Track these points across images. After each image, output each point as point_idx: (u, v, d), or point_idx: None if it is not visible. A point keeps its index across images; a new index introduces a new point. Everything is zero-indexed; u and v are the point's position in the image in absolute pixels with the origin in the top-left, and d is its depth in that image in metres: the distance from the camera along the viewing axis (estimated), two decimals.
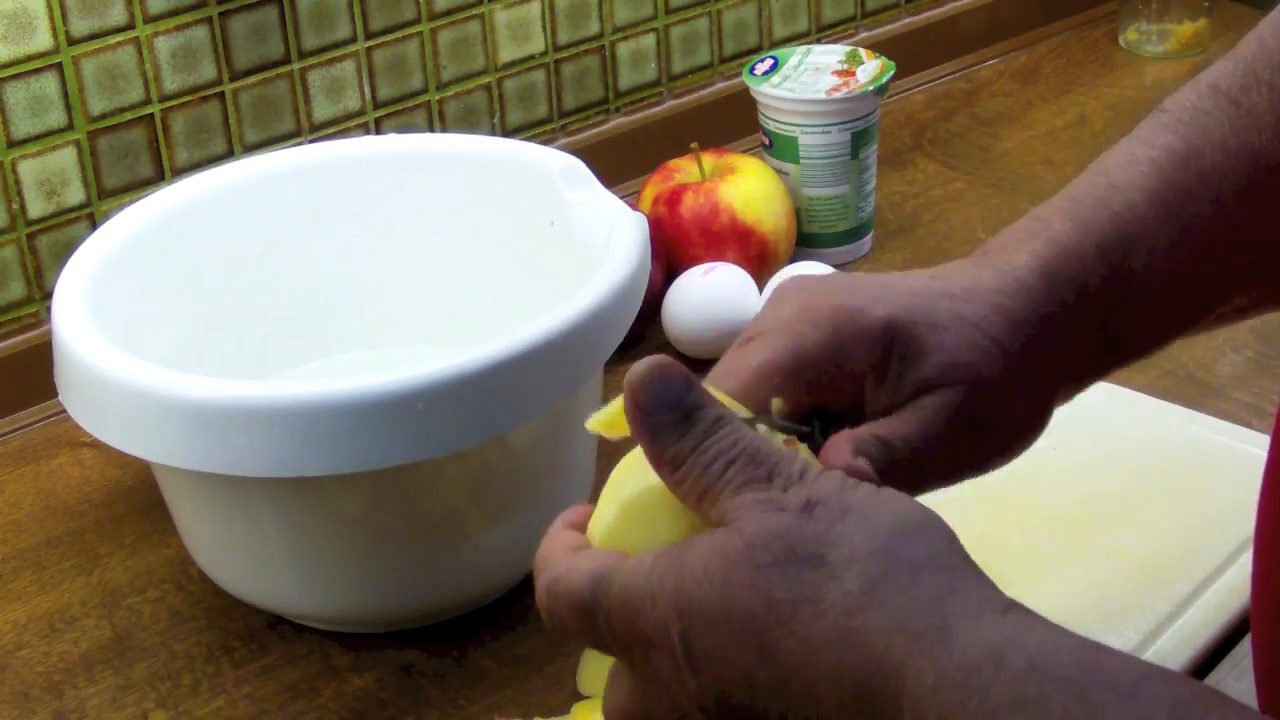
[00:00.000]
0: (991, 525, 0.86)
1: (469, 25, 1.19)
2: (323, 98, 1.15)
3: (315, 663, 0.85)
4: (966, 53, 1.47)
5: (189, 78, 1.08)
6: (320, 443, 0.75)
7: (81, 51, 1.04)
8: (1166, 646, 0.78)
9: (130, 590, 0.91)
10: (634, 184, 1.23)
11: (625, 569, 0.53)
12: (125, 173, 1.08)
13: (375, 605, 0.84)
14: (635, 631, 0.53)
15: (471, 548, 0.84)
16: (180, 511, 0.86)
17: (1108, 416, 0.94)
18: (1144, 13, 1.46)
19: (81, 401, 0.81)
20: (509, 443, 0.81)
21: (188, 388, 0.77)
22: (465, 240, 0.99)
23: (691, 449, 0.52)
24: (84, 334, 0.81)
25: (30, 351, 1.05)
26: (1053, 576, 0.83)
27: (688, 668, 0.52)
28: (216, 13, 1.08)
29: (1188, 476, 0.89)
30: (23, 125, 1.03)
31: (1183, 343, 1.04)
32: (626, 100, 1.30)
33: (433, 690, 0.83)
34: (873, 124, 1.16)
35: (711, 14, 1.32)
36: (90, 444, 1.00)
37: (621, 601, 0.53)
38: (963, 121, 1.37)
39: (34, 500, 0.98)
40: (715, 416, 0.53)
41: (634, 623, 0.53)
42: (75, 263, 0.88)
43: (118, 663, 0.86)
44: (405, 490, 0.81)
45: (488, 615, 0.87)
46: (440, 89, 1.20)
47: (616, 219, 0.88)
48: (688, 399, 0.53)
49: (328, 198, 0.98)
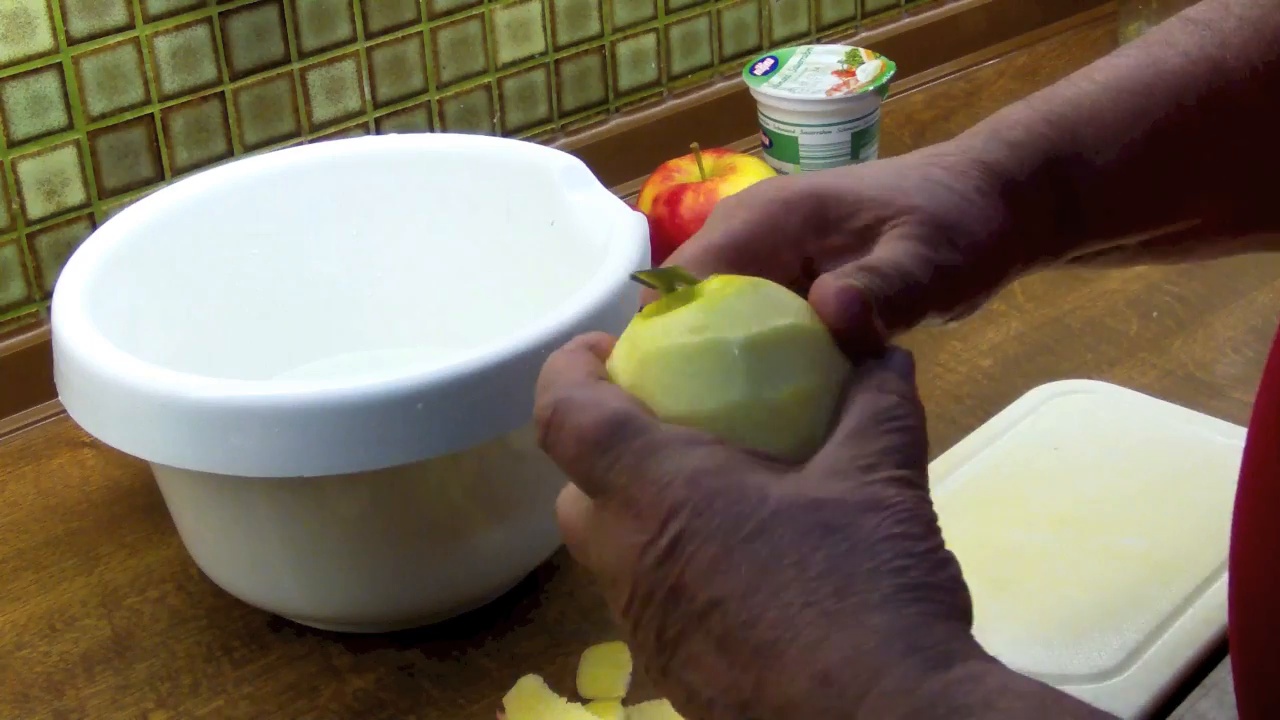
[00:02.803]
0: (992, 525, 0.86)
1: (469, 25, 1.19)
2: (323, 98, 1.15)
3: (315, 663, 0.85)
4: (966, 53, 1.47)
5: (189, 78, 1.08)
6: (320, 443, 0.75)
7: (81, 51, 1.04)
8: (1167, 646, 0.78)
9: (130, 590, 0.91)
10: (634, 184, 1.23)
11: (658, 430, 0.51)
12: (125, 173, 1.08)
13: (375, 605, 0.84)
14: (629, 491, 0.50)
15: (471, 548, 0.84)
16: (180, 511, 0.86)
17: (1108, 416, 0.94)
18: (1144, 13, 1.46)
19: (81, 401, 0.81)
20: (509, 443, 0.81)
21: (188, 388, 0.77)
22: (465, 240, 0.99)
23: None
24: (84, 334, 0.81)
25: (30, 351, 1.05)
26: (1053, 576, 0.83)
27: (656, 555, 0.50)
28: (216, 13, 1.08)
29: (1188, 476, 0.89)
30: (23, 125, 1.03)
31: (1183, 342, 1.05)
32: (626, 100, 1.30)
33: (433, 690, 0.83)
34: (873, 124, 1.16)
35: (711, 14, 1.32)
36: (90, 444, 1.00)
37: (638, 459, 0.50)
38: (963, 121, 1.37)
39: (34, 500, 0.98)
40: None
41: (636, 484, 0.50)
42: (75, 263, 0.88)
43: (118, 663, 0.86)
44: (405, 490, 0.81)
45: (488, 615, 0.87)
46: (440, 89, 1.20)
47: (616, 219, 0.88)
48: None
49: (328, 198, 0.98)
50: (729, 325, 0.53)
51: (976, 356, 1.05)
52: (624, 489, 0.51)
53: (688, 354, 0.52)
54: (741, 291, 0.54)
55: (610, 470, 0.51)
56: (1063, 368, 1.02)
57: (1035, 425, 0.94)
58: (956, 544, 0.87)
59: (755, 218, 0.60)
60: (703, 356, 0.52)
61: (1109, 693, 0.75)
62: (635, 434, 0.51)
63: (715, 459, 0.50)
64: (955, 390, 1.02)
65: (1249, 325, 1.06)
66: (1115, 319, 1.07)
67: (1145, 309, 1.08)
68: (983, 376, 1.02)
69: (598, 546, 0.52)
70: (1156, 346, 1.05)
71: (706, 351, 0.52)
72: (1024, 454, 0.91)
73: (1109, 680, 0.76)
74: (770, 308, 0.54)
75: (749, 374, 0.52)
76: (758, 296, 0.54)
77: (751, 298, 0.54)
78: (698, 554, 0.49)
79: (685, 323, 0.53)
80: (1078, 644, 0.78)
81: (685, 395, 0.52)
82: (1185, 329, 1.06)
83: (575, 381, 0.53)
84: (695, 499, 0.49)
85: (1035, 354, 1.04)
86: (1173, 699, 0.77)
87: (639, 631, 0.51)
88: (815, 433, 0.52)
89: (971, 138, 0.64)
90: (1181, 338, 1.05)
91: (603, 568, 0.52)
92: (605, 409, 0.51)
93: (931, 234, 0.59)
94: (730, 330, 0.52)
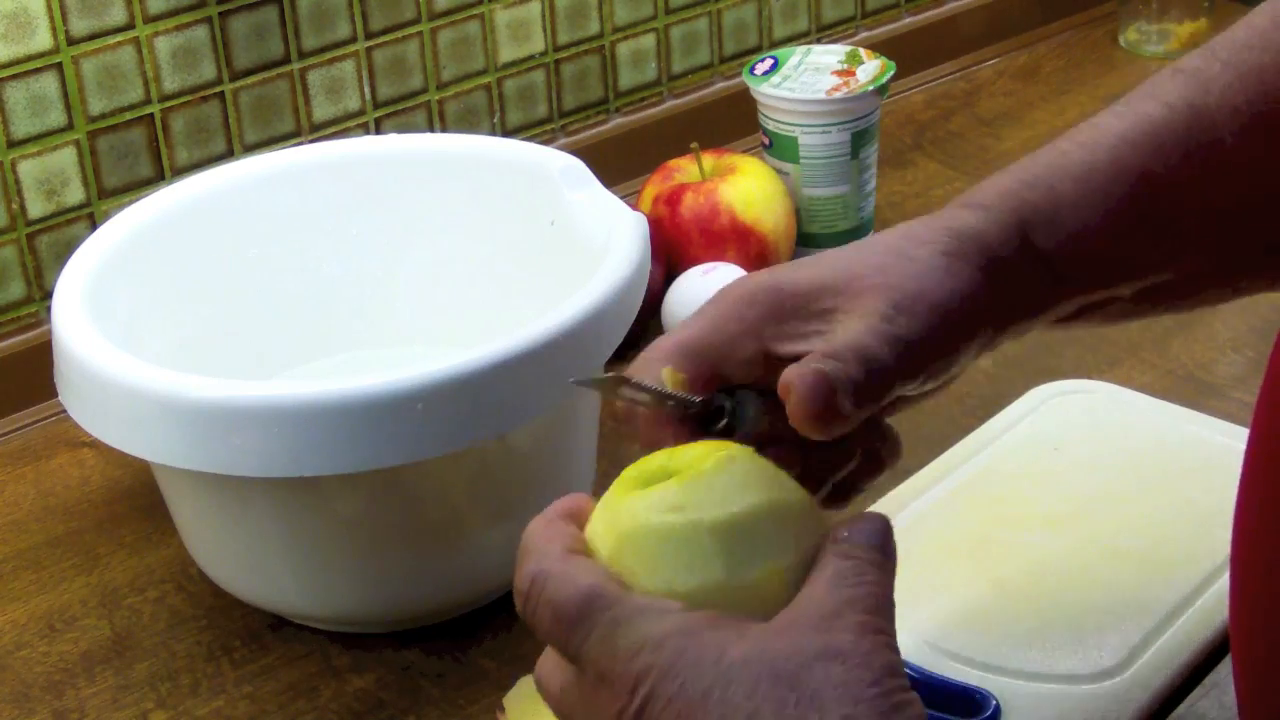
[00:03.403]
0: (992, 525, 0.86)
1: (469, 25, 1.19)
2: (323, 98, 1.15)
3: (315, 663, 0.85)
4: (966, 53, 1.47)
5: (189, 78, 1.08)
6: (320, 443, 0.75)
7: (81, 51, 1.04)
8: (1167, 646, 0.78)
9: (130, 590, 0.91)
10: (634, 184, 1.23)
11: (628, 601, 0.53)
12: (125, 173, 1.08)
13: (375, 605, 0.84)
14: (601, 663, 0.53)
15: (471, 548, 0.84)
16: (180, 511, 0.86)
17: (1108, 416, 0.94)
18: (1144, 13, 1.46)
19: (81, 401, 0.81)
20: (509, 443, 0.81)
21: (188, 388, 0.77)
22: (465, 240, 0.99)
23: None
24: (84, 334, 0.81)
25: (30, 351, 1.05)
26: (1052, 576, 0.83)
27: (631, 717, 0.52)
28: (216, 13, 1.08)
29: (1188, 476, 0.89)
30: (23, 125, 1.03)
31: (1183, 342, 1.05)
32: (626, 100, 1.30)
33: (433, 690, 0.83)
34: (873, 124, 1.16)
35: (711, 14, 1.32)
36: (90, 444, 1.00)
37: (609, 631, 0.53)
38: (963, 121, 1.37)
39: (34, 500, 0.98)
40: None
41: (607, 656, 0.53)
42: (75, 263, 0.88)
43: (118, 663, 0.86)
44: (405, 490, 0.81)
45: (488, 615, 0.87)
46: (440, 89, 1.20)
47: (616, 219, 0.88)
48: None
49: (328, 198, 0.98)
50: (706, 505, 0.55)
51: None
52: (596, 661, 0.53)
53: (664, 535, 0.55)
54: (719, 466, 0.56)
55: (584, 644, 0.53)
56: (1063, 368, 1.02)
57: (1035, 425, 0.94)
58: (957, 544, 0.88)
59: (719, 313, 0.62)
60: (679, 538, 0.54)
61: (1109, 693, 0.75)
62: (606, 608, 0.53)
63: (681, 623, 0.52)
64: (955, 390, 1.01)
65: (1249, 325, 1.06)
66: None
67: None
68: (983, 376, 1.02)
69: (582, 715, 0.54)
70: (1156, 346, 1.05)
71: (683, 534, 0.54)
72: (1024, 454, 0.91)
73: (1109, 680, 0.76)
74: (748, 485, 0.56)
75: (725, 556, 0.54)
76: (735, 472, 0.56)
77: (729, 474, 0.56)
78: (664, 714, 0.51)
79: (664, 502, 0.55)
80: (1078, 644, 0.78)
81: (662, 574, 0.54)
82: (1185, 329, 1.06)
83: (551, 553, 0.55)
84: (660, 662, 0.52)
85: (1035, 354, 1.04)
86: (1173, 699, 0.77)
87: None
88: (787, 601, 0.54)
89: (947, 208, 0.65)
90: (1181, 338, 1.05)
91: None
92: (579, 586, 0.54)
93: (889, 309, 0.60)
94: (707, 511, 0.55)
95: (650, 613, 0.53)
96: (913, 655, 0.77)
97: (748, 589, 0.54)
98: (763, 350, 0.62)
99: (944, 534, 0.85)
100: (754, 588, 0.54)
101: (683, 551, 0.54)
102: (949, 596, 0.81)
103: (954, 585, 0.82)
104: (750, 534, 0.54)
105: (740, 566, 0.54)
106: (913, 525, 0.86)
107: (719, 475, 0.55)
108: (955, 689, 0.75)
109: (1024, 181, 0.65)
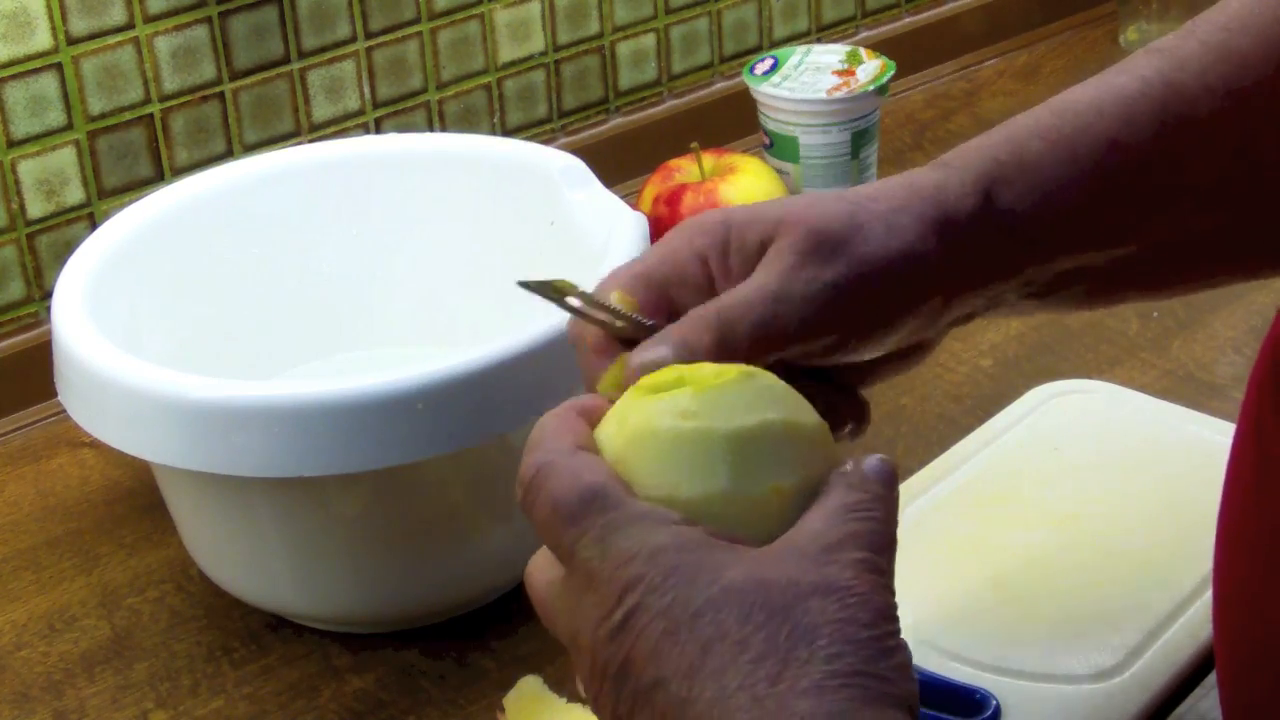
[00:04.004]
0: (992, 525, 0.86)
1: (469, 25, 1.19)
2: (323, 98, 1.15)
3: (315, 663, 0.85)
4: (966, 53, 1.47)
5: (189, 78, 1.08)
6: (320, 443, 0.75)
7: (81, 51, 1.04)
8: (1167, 646, 0.78)
9: (130, 590, 0.91)
10: (634, 184, 1.23)
11: (629, 506, 0.52)
12: (125, 173, 1.08)
13: (375, 605, 0.84)
14: (592, 564, 0.51)
15: (471, 548, 0.84)
16: (180, 511, 0.86)
17: (1108, 416, 0.94)
18: (1144, 13, 1.46)
19: (81, 401, 0.81)
20: (509, 443, 0.81)
21: (188, 388, 0.77)
22: (465, 240, 0.99)
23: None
24: (84, 334, 0.81)
25: (30, 351, 1.05)
26: (1052, 576, 0.83)
27: (609, 629, 0.50)
28: (216, 13, 1.08)
29: (1188, 476, 0.89)
30: (22, 125, 1.03)
31: (1183, 342, 1.05)
32: (626, 100, 1.30)
33: (433, 690, 0.83)
34: (873, 124, 1.16)
35: (711, 14, 1.32)
36: (90, 444, 1.00)
37: (605, 533, 0.51)
38: (963, 121, 1.37)
39: (34, 500, 0.98)
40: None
41: (599, 558, 0.51)
42: (75, 263, 0.88)
43: (118, 663, 0.86)
44: (405, 490, 0.81)
45: (488, 615, 0.87)
46: (440, 89, 1.20)
47: (616, 219, 0.88)
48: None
49: (328, 198, 0.98)
50: (719, 415, 0.54)
51: (976, 356, 1.05)
52: (588, 561, 0.52)
53: (674, 439, 0.53)
54: (735, 381, 0.55)
55: (578, 542, 0.52)
56: (1063, 368, 1.02)
57: (1035, 425, 0.94)
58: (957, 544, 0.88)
59: (673, 242, 0.62)
60: (689, 443, 0.53)
61: (1109, 693, 0.75)
62: (605, 508, 0.52)
63: (679, 537, 0.51)
64: (955, 390, 1.02)
65: (1249, 325, 1.06)
66: (1115, 319, 1.07)
67: (1145, 309, 1.08)
68: (983, 376, 1.02)
69: (564, 616, 0.53)
70: (1156, 346, 1.05)
71: (693, 439, 0.53)
72: (1024, 454, 0.91)
73: (1109, 680, 0.76)
74: (762, 401, 0.54)
75: (732, 467, 0.53)
76: (751, 388, 0.55)
77: (744, 389, 0.55)
78: (648, 630, 0.50)
79: (676, 407, 0.54)
80: (1078, 644, 0.78)
81: (667, 479, 0.53)
82: (1185, 329, 1.06)
83: (560, 448, 0.54)
84: (651, 575, 0.50)
85: (1035, 354, 1.04)
86: (1173, 699, 0.77)
87: (598, 704, 0.52)
88: (789, 526, 0.53)
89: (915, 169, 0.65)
90: (1181, 338, 1.05)
91: (567, 637, 0.53)
92: (581, 480, 0.53)
93: (810, 248, 0.60)
94: (719, 421, 0.53)
95: (648, 521, 0.51)
96: (913, 655, 0.77)
97: (750, 505, 0.53)
98: (709, 278, 0.61)
99: (944, 534, 0.85)
100: (756, 504, 0.53)
101: (690, 458, 0.53)
102: (949, 596, 0.81)
103: (954, 585, 0.82)
104: (760, 449, 0.53)
105: (745, 480, 0.53)
106: (913, 525, 0.86)
107: (736, 388, 0.54)
108: (955, 689, 0.75)
109: (993, 141, 0.65)
